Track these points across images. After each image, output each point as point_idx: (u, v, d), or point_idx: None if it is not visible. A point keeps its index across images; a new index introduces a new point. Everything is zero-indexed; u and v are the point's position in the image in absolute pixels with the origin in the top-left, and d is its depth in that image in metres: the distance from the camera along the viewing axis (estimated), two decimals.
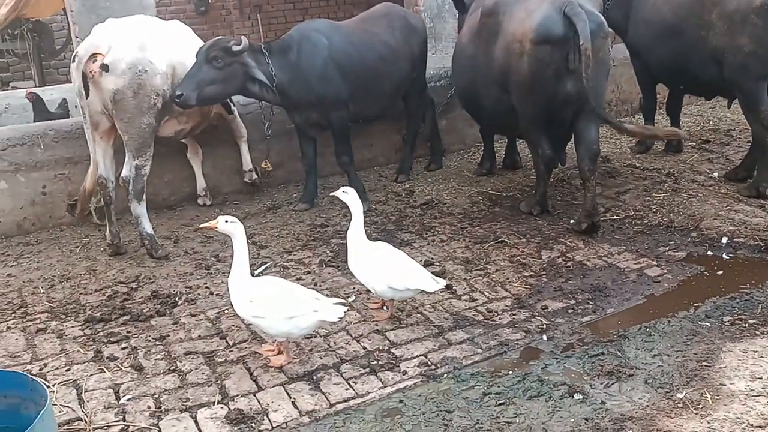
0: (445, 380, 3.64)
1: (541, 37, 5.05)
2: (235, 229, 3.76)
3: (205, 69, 5.24)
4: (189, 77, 5.20)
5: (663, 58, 6.45)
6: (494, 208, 6.09)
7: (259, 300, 3.67)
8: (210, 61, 5.25)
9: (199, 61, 5.26)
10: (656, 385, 3.48)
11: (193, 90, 5.16)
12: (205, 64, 5.24)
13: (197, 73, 5.23)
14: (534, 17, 5.10)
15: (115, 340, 4.11)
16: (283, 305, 3.64)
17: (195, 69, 5.23)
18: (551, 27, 5.03)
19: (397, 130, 7.33)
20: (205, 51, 5.28)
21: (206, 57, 5.25)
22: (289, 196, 6.64)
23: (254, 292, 3.70)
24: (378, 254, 4.15)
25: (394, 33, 6.31)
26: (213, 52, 5.26)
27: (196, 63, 5.26)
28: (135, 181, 5.15)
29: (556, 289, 4.58)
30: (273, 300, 3.66)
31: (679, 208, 5.73)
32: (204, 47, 5.32)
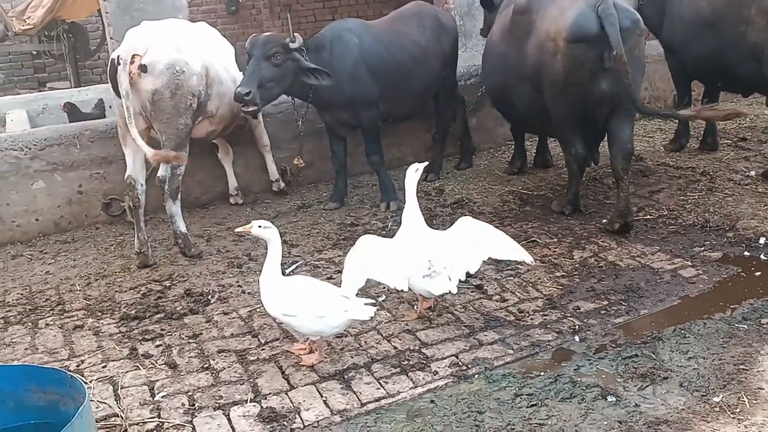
0: (477, 381, 3.63)
1: (576, 36, 4.97)
2: (269, 233, 3.80)
3: (265, 66, 5.23)
4: (251, 75, 5.17)
5: (699, 54, 6.35)
6: (525, 207, 6.05)
7: (290, 299, 3.69)
8: (269, 57, 5.25)
9: (257, 58, 5.22)
10: (692, 388, 3.43)
11: (258, 88, 5.17)
12: (264, 61, 5.23)
13: (258, 70, 5.20)
14: (568, 15, 5.02)
15: (150, 337, 4.17)
16: (314, 304, 3.66)
17: (254, 66, 5.20)
18: (586, 25, 4.94)
19: (426, 129, 7.32)
20: (261, 48, 5.24)
21: (264, 54, 5.23)
22: (319, 195, 6.67)
23: (285, 291, 3.73)
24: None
25: (425, 32, 6.30)
26: (272, 49, 5.25)
27: (254, 60, 5.21)
28: (170, 181, 5.22)
29: (588, 289, 4.53)
30: (304, 299, 3.68)
31: (714, 208, 5.63)
32: (259, 44, 5.26)
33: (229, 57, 5.81)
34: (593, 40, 4.94)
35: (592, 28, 4.93)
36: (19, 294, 4.91)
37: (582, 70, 5.02)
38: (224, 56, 5.68)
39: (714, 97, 7.07)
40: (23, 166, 5.79)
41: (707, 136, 7.14)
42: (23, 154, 5.77)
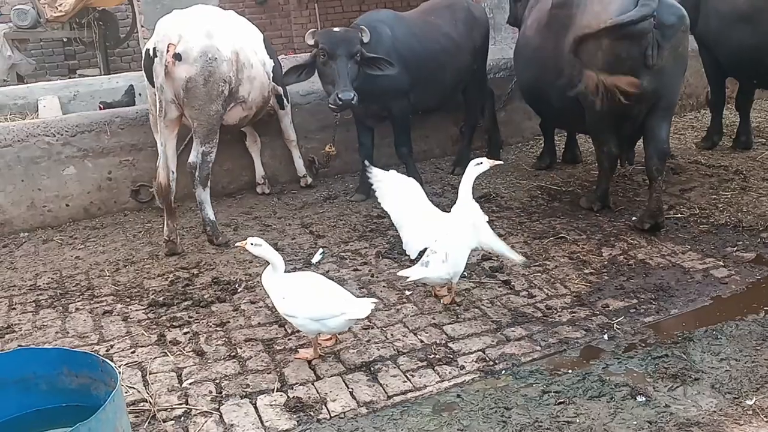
0: (504, 377, 3.61)
1: (619, 33, 4.82)
2: (260, 251, 3.74)
3: (351, 65, 5.27)
4: (345, 77, 5.19)
5: (735, 50, 6.24)
6: (553, 203, 5.99)
7: (290, 300, 3.68)
8: (353, 56, 5.28)
9: (343, 58, 5.23)
10: (724, 390, 3.37)
11: (354, 89, 5.20)
12: (349, 61, 5.26)
13: (347, 70, 5.23)
14: (610, 11, 4.86)
15: (178, 324, 4.20)
16: (312, 307, 3.63)
17: (344, 68, 5.21)
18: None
19: (453, 121, 7.28)
20: (346, 47, 5.24)
21: (349, 53, 5.25)
22: (345, 186, 6.67)
23: (286, 292, 3.70)
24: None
25: (457, 24, 6.25)
26: (355, 47, 5.28)
27: (341, 61, 5.21)
28: (201, 168, 5.25)
29: (617, 287, 4.48)
30: (303, 301, 3.66)
31: (748, 208, 5.53)
32: (343, 42, 5.25)
33: (258, 42, 5.82)
34: (637, 37, 4.80)
35: (637, 25, 4.77)
36: (50, 278, 4.98)
37: (623, 67, 4.88)
38: (253, 41, 5.69)
39: (749, 95, 6.95)
40: (55, 152, 5.86)
41: (741, 135, 7.02)
42: (55, 140, 5.84)
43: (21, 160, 5.77)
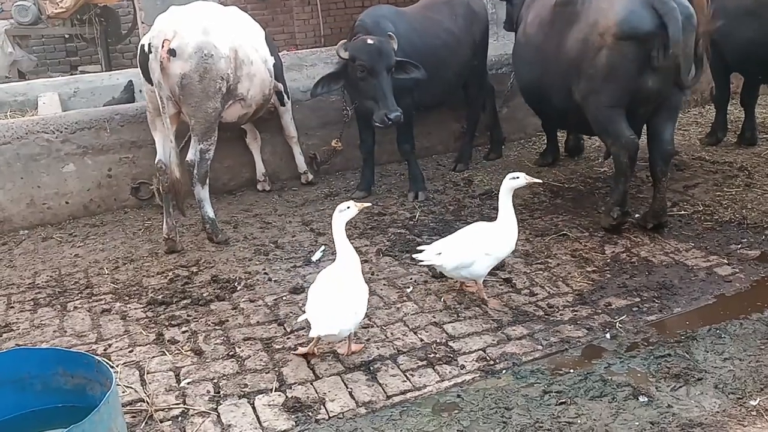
0: (504, 376, 3.57)
1: (626, 33, 4.71)
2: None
3: (389, 80, 5.28)
4: (386, 95, 5.20)
5: (740, 46, 6.18)
6: (555, 200, 5.94)
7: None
8: (390, 70, 5.29)
9: (384, 73, 5.23)
10: (727, 390, 3.33)
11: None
12: (387, 75, 5.27)
13: (388, 87, 5.23)
14: (618, 10, 4.75)
15: (176, 323, 4.17)
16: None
17: (385, 84, 5.22)
18: (637, 22, 4.69)
19: (455, 118, 7.24)
20: (386, 61, 5.25)
21: (388, 67, 5.26)
22: (346, 183, 6.63)
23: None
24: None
25: (457, 19, 6.21)
26: (392, 61, 5.28)
27: (383, 77, 5.22)
28: (199, 165, 5.20)
29: (620, 285, 4.43)
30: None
31: (752, 204, 5.48)
32: (382, 57, 5.25)
33: (260, 38, 5.77)
34: (644, 39, 4.70)
35: (645, 26, 4.67)
36: (49, 276, 4.95)
37: (629, 67, 4.78)
38: (254, 37, 5.64)
39: (754, 90, 6.88)
40: (54, 149, 5.83)
41: (746, 131, 6.96)
42: (54, 137, 5.81)
43: (20, 158, 5.74)
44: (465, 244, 4.19)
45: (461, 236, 4.30)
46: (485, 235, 4.24)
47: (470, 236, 4.27)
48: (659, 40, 4.65)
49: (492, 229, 4.28)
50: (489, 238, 4.22)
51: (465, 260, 4.13)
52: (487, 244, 4.18)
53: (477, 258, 4.14)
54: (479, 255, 4.14)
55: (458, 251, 4.16)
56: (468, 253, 4.14)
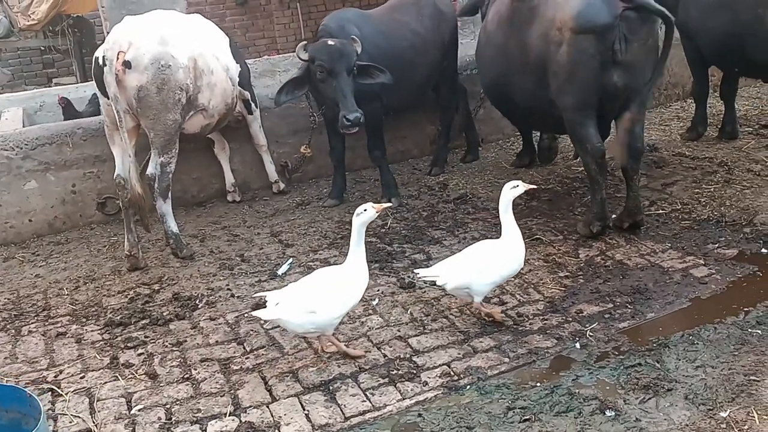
0: (468, 392, 3.43)
1: (583, 27, 4.59)
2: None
3: (350, 81, 5.13)
4: (346, 96, 5.05)
5: (716, 39, 6.04)
6: (531, 202, 5.80)
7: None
8: (351, 71, 5.14)
9: (343, 74, 5.09)
10: (697, 401, 3.19)
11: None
12: (348, 76, 5.12)
13: (348, 88, 5.09)
14: (574, 3, 4.63)
15: (133, 345, 4.03)
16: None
17: (346, 85, 5.08)
18: (594, 15, 4.57)
19: (430, 120, 7.10)
20: (346, 62, 5.11)
21: (348, 68, 5.11)
22: (319, 191, 6.48)
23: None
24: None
25: (424, 21, 6.06)
26: (353, 61, 5.13)
27: (342, 78, 5.08)
28: (160, 179, 5.06)
29: (592, 291, 4.30)
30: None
31: (731, 201, 5.34)
32: (342, 58, 5.10)
33: (222, 46, 5.63)
34: (603, 31, 4.58)
35: (602, 18, 4.56)
36: (6, 299, 4.80)
37: (591, 62, 4.64)
38: (215, 46, 5.48)
39: (733, 83, 6.75)
40: (15, 166, 5.68)
41: (726, 124, 6.83)
42: (14, 153, 5.66)
43: None
44: (467, 265, 3.93)
45: (465, 255, 4.03)
46: (489, 255, 3.96)
47: (474, 256, 4.00)
48: (619, 32, 4.52)
49: (496, 248, 4.00)
50: (493, 257, 3.95)
51: (466, 281, 3.90)
52: (490, 265, 3.91)
53: (479, 278, 3.90)
54: (481, 275, 3.90)
55: (460, 272, 3.92)
56: (469, 274, 3.90)
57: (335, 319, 3.63)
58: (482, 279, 3.90)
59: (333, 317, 3.61)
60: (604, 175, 5.02)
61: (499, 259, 3.95)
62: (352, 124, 5.04)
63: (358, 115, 5.02)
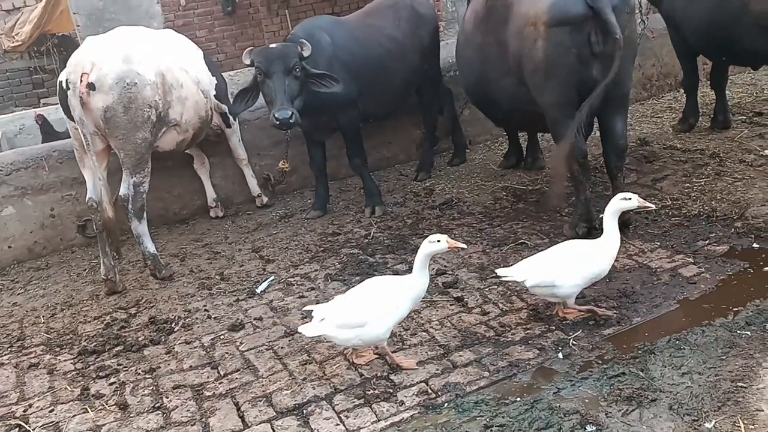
0: (446, 410, 3.30)
1: (557, 19, 4.49)
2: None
3: (290, 82, 5.00)
4: (283, 95, 4.93)
5: (702, 28, 5.89)
6: (518, 204, 5.67)
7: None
8: (290, 71, 5.01)
9: (279, 74, 4.96)
10: (682, 411, 3.05)
11: (294, 107, 4.95)
12: (287, 77, 4.99)
13: (286, 88, 4.96)
14: None
15: (105, 374, 3.92)
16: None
17: (281, 84, 4.94)
18: (567, 6, 4.47)
19: (416, 125, 6.97)
20: (282, 62, 4.98)
21: (286, 68, 4.98)
22: (303, 202, 6.37)
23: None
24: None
25: (401, 25, 5.93)
26: (292, 62, 5.00)
27: (277, 78, 4.95)
28: (134, 200, 4.96)
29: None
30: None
31: (722, 195, 5.19)
32: (277, 58, 4.99)
33: (194, 59, 5.53)
34: (577, 24, 4.47)
35: (576, 10, 4.45)
36: None
37: (568, 56, 4.54)
38: (186, 59, 5.38)
39: (722, 72, 6.58)
40: None
41: (718, 114, 6.67)
42: None
43: None
44: (552, 263, 3.82)
45: (552, 253, 3.91)
46: (577, 254, 3.84)
47: (560, 254, 3.88)
48: (594, 23, 4.38)
49: (588, 248, 3.87)
50: (580, 256, 3.82)
51: (548, 279, 3.77)
52: (576, 264, 3.78)
53: (562, 278, 3.76)
54: (565, 274, 3.76)
55: (543, 269, 3.80)
56: (552, 271, 3.77)
57: (383, 333, 3.57)
58: (568, 279, 3.76)
59: (380, 332, 3.55)
60: (587, 175, 4.90)
61: (588, 260, 3.80)
62: (281, 123, 4.87)
63: (288, 114, 4.84)
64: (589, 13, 4.40)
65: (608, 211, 3.84)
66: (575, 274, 3.77)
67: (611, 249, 3.82)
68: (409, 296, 3.59)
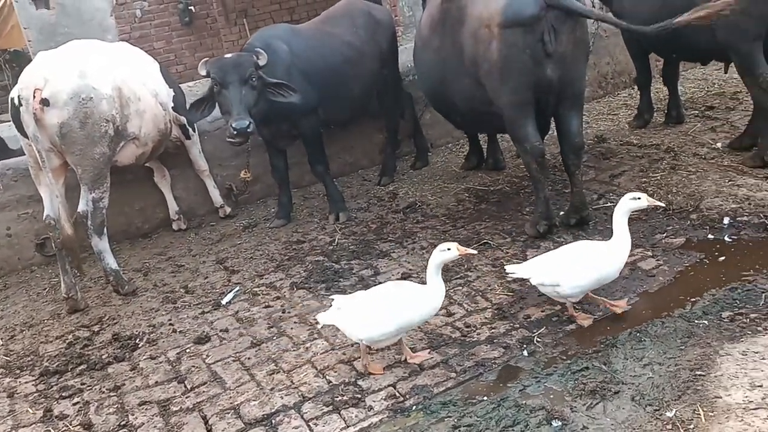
0: (414, 413, 3.32)
1: (510, 20, 4.54)
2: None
3: (246, 92, 4.97)
4: (239, 104, 4.89)
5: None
6: (480, 205, 5.72)
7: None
8: (247, 81, 4.97)
9: (235, 84, 4.93)
10: (644, 402, 3.11)
11: (251, 117, 4.92)
12: (244, 86, 4.96)
13: (243, 98, 4.93)
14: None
15: (68, 394, 3.86)
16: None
17: (237, 94, 4.91)
18: (520, 7, 4.52)
19: (378, 129, 6.99)
20: (237, 72, 4.95)
21: (242, 78, 4.95)
22: (267, 211, 6.35)
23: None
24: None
25: (358, 31, 5.95)
26: (248, 71, 4.97)
27: (233, 87, 4.92)
28: (93, 216, 4.89)
29: (540, 294, 4.19)
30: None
31: (677, 188, 5.30)
32: (232, 68, 4.96)
33: (150, 72, 5.48)
34: (531, 24, 4.53)
35: (529, 11, 4.51)
36: None
37: (522, 57, 4.60)
38: (143, 72, 5.33)
39: (674, 68, 6.74)
40: None
41: (671, 109, 6.82)
42: None
43: None
44: (559, 263, 3.81)
45: (560, 253, 3.90)
46: (584, 256, 3.81)
47: (568, 254, 3.86)
48: (547, 23, 4.46)
49: (598, 249, 3.83)
50: (587, 258, 3.78)
51: (552, 279, 3.76)
52: (581, 265, 3.74)
53: (566, 278, 3.74)
54: (569, 276, 3.74)
55: (548, 268, 3.79)
56: (557, 271, 3.76)
57: (388, 335, 3.56)
58: (572, 279, 3.73)
59: (385, 332, 3.54)
60: (546, 174, 4.97)
61: (595, 261, 3.76)
62: (238, 133, 4.85)
63: (245, 123, 4.83)
64: (542, 14, 4.47)
65: (618, 211, 3.77)
66: (579, 275, 3.74)
67: (621, 252, 3.75)
68: (426, 306, 3.57)
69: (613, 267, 3.77)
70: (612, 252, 3.78)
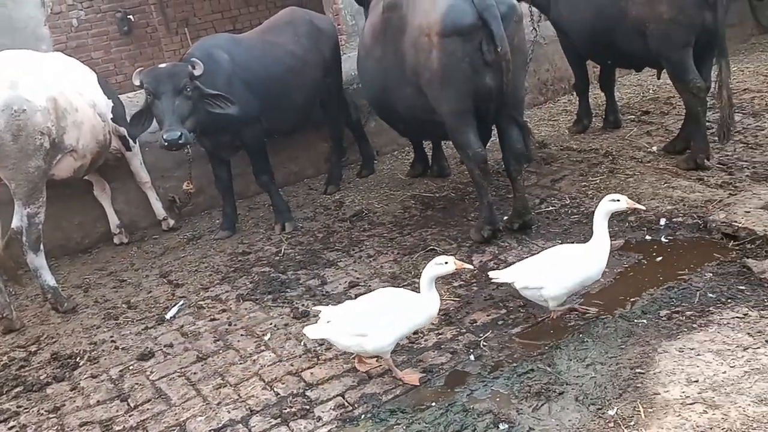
0: (363, 422, 3.32)
1: (449, 29, 4.61)
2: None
3: (180, 102, 4.86)
4: (171, 115, 4.78)
5: (586, 33, 6.16)
6: (426, 211, 5.77)
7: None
8: (181, 91, 4.86)
9: (168, 94, 4.83)
10: (587, 402, 3.18)
11: (185, 127, 4.81)
12: (177, 97, 4.85)
13: (176, 108, 4.82)
14: (439, 7, 4.65)
15: (3, 418, 3.71)
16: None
17: (170, 105, 4.80)
18: (458, 16, 4.59)
19: (323, 138, 6.98)
20: (170, 82, 4.84)
21: (176, 88, 4.84)
22: (212, 223, 6.25)
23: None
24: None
25: (300, 40, 5.94)
26: (182, 81, 4.86)
27: (166, 98, 4.81)
28: (29, 231, 4.73)
29: (486, 298, 4.27)
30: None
31: (616, 191, 5.41)
32: (165, 78, 4.86)
33: (88, 82, 5.35)
34: (469, 33, 4.61)
35: (467, 20, 4.59)
36: None
37: (461, 65, 4.68)
38: (79, 82, 5.20)
39: (610, 74, 6.94)
40: None
41: (609, 114, 7.01)
42: None
43: None
44: (541, 267, 3.81)
45: (542, 257, 3.91)
46: (565, 259, 3.83)
47: (550, 258, 3.87)
48: (485, 33, 4.53)
49: (578, 252, 3.87)
50: (569, 261, 3.81)
51: (536, 283, 3.77)
52: (563, 269, 3.77)
53: (549, 282, 3.75)
54: (555, 278, 3.75)
55: (532, 273, 3.80)
56: (540, 275, 3.77)
57: (387, 345, 3.50)
58: (556, 282, 3.74)
59: (384, 344, 3.48)
60: (489, 180, 5.05)
61: (577, 264, 3.79)
62: (169, 144, 4.78)
63: (177, 134, 4.75)
64: (479, 23, 4.55)
65: (598, 214, 3.81)
66: (562, 278, 3.77)
67: (600, 253, 3.79)
68: (421, 314, 3.55)
69: (596, 268, 3.82)
70: (592, 253, 3.83)
